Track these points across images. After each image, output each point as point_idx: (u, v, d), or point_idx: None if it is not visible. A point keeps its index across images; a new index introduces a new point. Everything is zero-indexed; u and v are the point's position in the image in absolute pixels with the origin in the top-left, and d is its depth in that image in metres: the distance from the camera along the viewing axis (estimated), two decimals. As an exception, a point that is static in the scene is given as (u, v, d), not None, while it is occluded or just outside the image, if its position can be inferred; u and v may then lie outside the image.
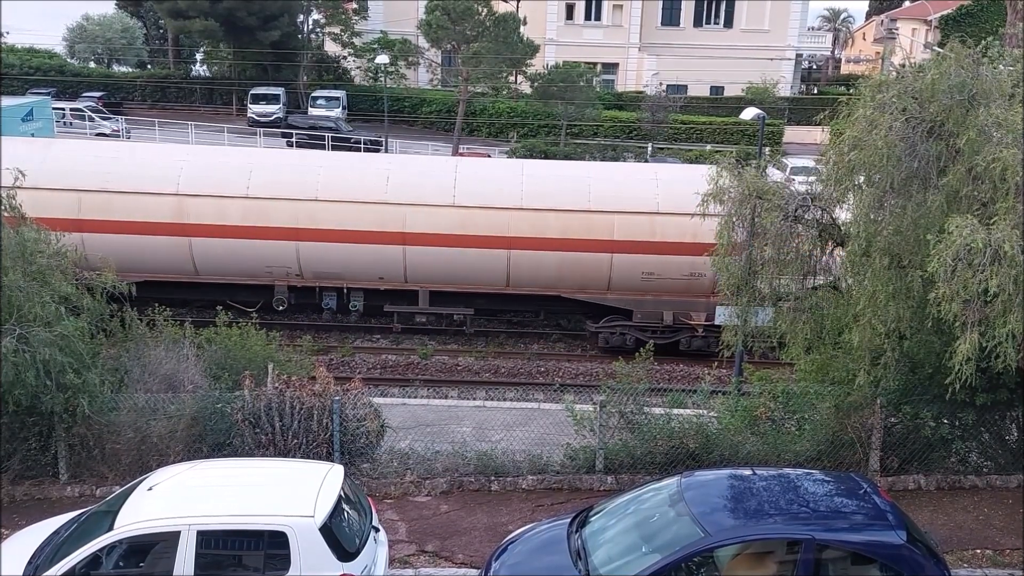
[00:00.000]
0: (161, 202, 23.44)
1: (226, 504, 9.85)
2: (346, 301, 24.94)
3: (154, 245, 23.57)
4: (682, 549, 9.29)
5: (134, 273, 23.57)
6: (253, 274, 24.32)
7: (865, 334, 12.39)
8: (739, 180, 14.41)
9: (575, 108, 52.39)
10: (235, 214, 23.50)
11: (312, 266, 24.18)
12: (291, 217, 23.56)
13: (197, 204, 23.50)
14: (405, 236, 23.61)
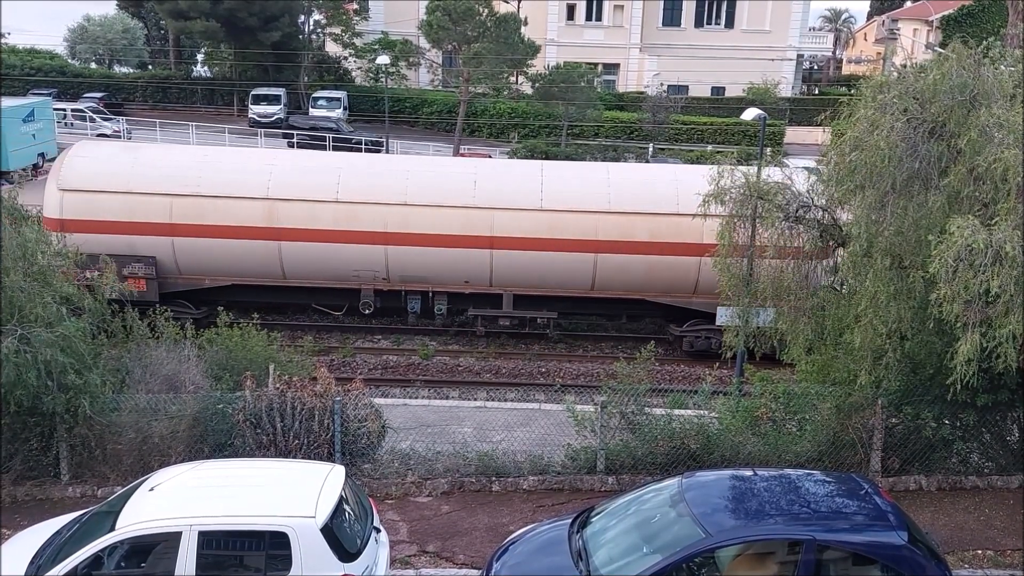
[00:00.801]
0: (252, 206, 23.50)
1: (227, 505, 9.85)
2: (431, 305, 24.92)
3: (244, 249, 23.66)
4: (683, 550, 9.29)
5: (223, 276, 24.03)
6: (340, 278, 24.31)
7: (867, 335, 12.40)
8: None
9: (576, 109, 52.37)
10: (325, 218, 23.51)
11: (399, 270, 24.17)
12: (380, 221, 23.56)
13: (288, 208, 23.53)
14: (492, 240, 23.63)
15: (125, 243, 23.25)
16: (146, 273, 23.29)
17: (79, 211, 23.20)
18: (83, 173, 23.49)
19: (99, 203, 23.22)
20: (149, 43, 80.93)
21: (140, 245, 23.36)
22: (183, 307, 24.11)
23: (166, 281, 23.79)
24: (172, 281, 23.92)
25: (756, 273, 15.24)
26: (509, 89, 58.80)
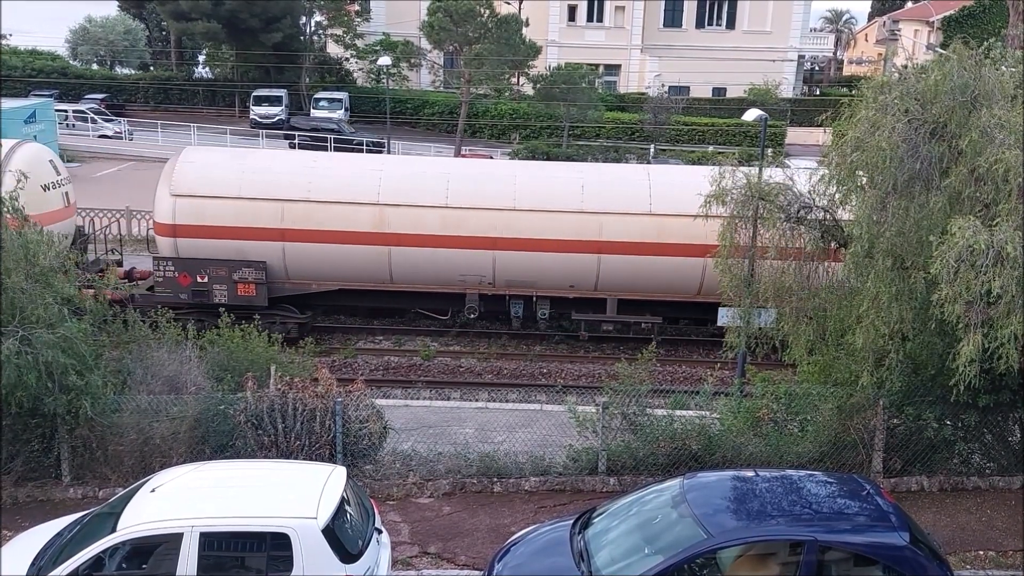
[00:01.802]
0: (362, 212, 23.49)
1: (229, 506, 9.86)
2: (534, 309, 24.88)
3: (353, 254, 23.67)
4: (685, 550, 9.29)
5: (330, 281, 24.11)
6: (446, 282, 24.23)
7: (868, 335, 12.40)
8: None
9: (577, 109, 52.37)
10: (434, 223, 23.46)
11: (506, 275, 24.10)
12: (489, 226, 23.52)
13: (397, 214, 23.51)
14: (600, 244, 23.50)
15: (235, 248, 23.39)
16: (256, 278, 23.40)
17: (191, 216, 23.30)
18: (194, 179, 23.58)
19: (210, 208, 23.33)
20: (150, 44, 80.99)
21: (250, 250, 23.43)
22: (288, 311, 24.38)
23: (274, 286, 23.85)
24: (280, 286, 23.99)
25: (757, 274, 15.24)
26: (510, 90, 58.84)
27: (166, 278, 23.43)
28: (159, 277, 23.55)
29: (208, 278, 23.30)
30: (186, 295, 23.43)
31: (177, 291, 23.39)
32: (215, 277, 23.32)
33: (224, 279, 23.31)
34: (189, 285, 23.29)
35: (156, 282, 23.61)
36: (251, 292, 23.41)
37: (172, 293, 23.36)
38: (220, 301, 23.25)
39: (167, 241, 23.65)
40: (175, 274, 23.37)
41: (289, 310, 24.38)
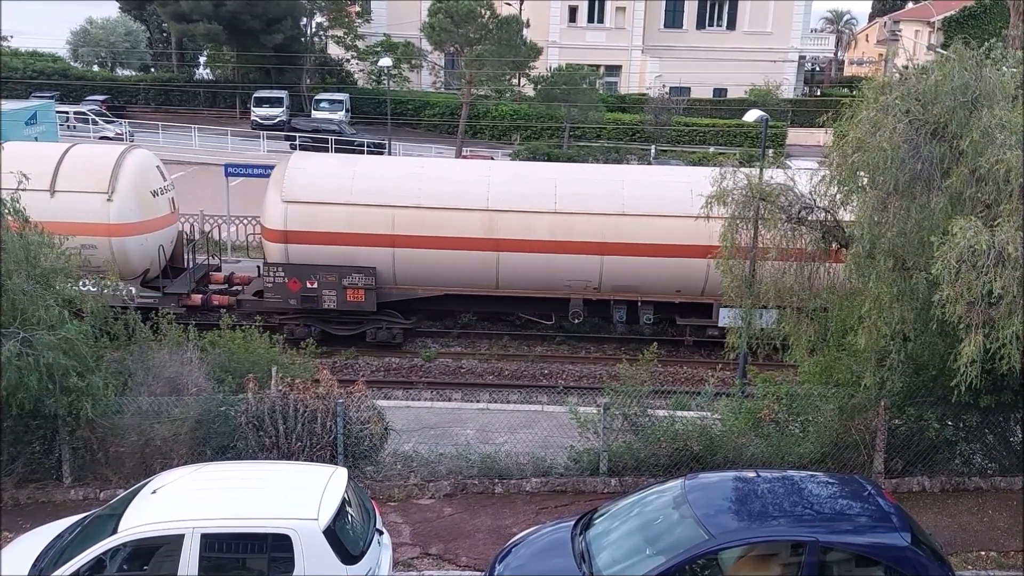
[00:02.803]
0: (472, 218, 23.58)
1: (230, 507, 9.86)
2: (637, 314, 24.84)
3: (462, 260, 23.75)
4: (686, 551, 9.29)
5: (436, 287, 24.27)
6: (551, 287, 24.27)
7: (870, 336, 12.39)
8: None
9: (578, 110, 52.37)
10: (542, 229, 23.52)
11: (612, 279, 24.09)
12: (598, 231, 23.51)
13: (507, 219, 23.58)
14: (710, 249, 23.41)
15: (345, 254, 23.49)
16: (365, 284, 23.54)
17: (302, 222, 23.42)
18: (306, 185, 23.72)
19: (322, 215, 23.44)
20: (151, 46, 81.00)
21: (361, 256, 23.54)
22: (392, 316, 24.51)
23: (381, 291, 23.94)
24: (387, 291, 24.09)
25: (759, 274, 15.23)
26: (511, 91, 58.82)
27: (276, 284, 23.60)
28: (269, 283, 23.70)
29: (318, 284, 23.49)
30: (295, 301, 23.61)
31: (287, 297, 23.58)
32: (325, 283, 23.48)
33: (334, 285, 23.46)
34: (299, 291, 23.49)
35: (266, 288, 23.79)
36: (360, 298, 23.57)
37: (282, 299, 23.62)
38: (329, 306, 23.61)
39: (277, 247, 23.77)
40: (285, 280, 23.53)
41: (393, 315, 24.54)
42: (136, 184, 23.44)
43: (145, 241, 23.73)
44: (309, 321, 24.30)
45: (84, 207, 22.60)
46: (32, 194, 21.95)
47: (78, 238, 22.14)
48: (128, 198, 23.08)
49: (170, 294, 24.20)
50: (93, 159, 23.66)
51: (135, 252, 23.46)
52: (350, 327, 24.48)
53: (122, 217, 22.93)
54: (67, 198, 22.63)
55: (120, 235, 22.94)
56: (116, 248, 22.94)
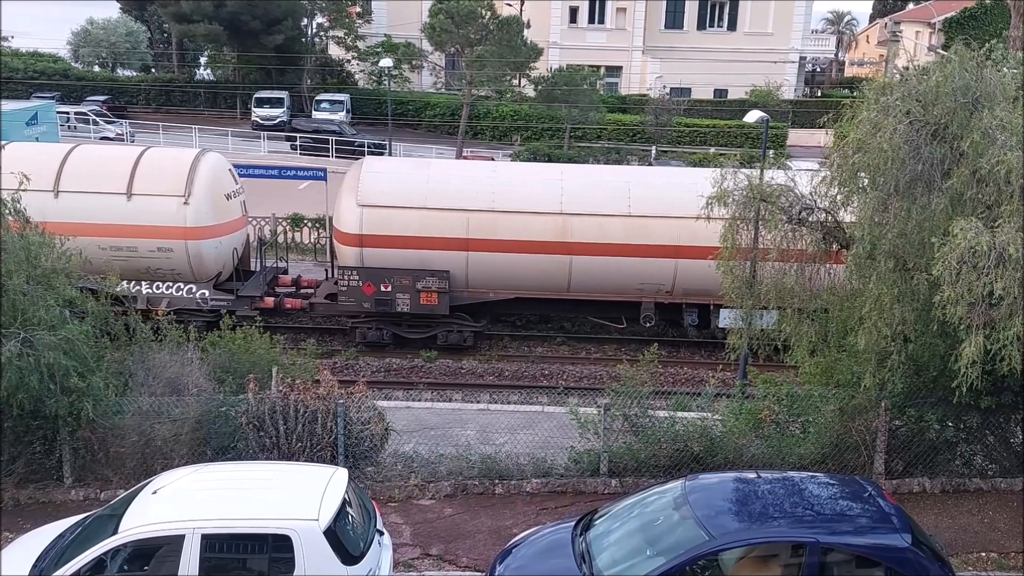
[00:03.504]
0: (546, 221, 23.55)
1: (230, 507, 9.86)
2: (709, 317, 24.80)
3: (535, 263, 23.75)
4: (686, 552, 9.29)
5: (507, 290, 24.35)
6: (623, 291, 24.20)
7: (871, 337, 12.39)
8: None
9: (579, 111, 52.36)
10: (616, 232, 23.46)
11: (685, 283, 24.02)
12: (672, 235, 23.44)
13: (580, 223, 23.55)
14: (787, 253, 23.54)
15: (419, 258, 23.53)
16: (439, 287, 23.59)
17: (377, 226, 23.47)
18: (380, 189, 23.77)
19: (396, 218, 23.49)
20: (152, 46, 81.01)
21: (434, 260, 23.57)
22: (463, 320, 24.58)
23: (454, 294, 24.00)
24: (459, 295, 24.14)
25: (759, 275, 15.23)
26: (512, 92, 58.80)
27: (350, 287, 23.67)
28: (343, 286, 23.77)
29: (392, 287, 23.57)
30: (369, 304, 23.71)
31: (361, 300, 23.67)
32: (399, 286, 23.56)
33: (408, 288, 23.55)
34: (373, 294, 23.60)
35: (340, 291, 23.86)
36: (433, 301, 23.65)
37: (356, 302, 23.72)
38: (403, 310, 23.73)
39: (352, 251, 23.81)
40: (359, 283, 23.62)
41: (464, 318, 24.62)
42: (211, 187, 23.56)
43: (219, 244, 23.87)
44: (381, 325, 24.44)
45: (161, 210, 22.76)
46: (109, 197, 22.44)
47: (154, 241, 22.57)
48: (203, 201, 23.17)
49: (244, 297, 24.35)
50: (168, 163, 23.79)
51: (210, 255, 23.57)
52: (421, 330, 24.59)
53: (198, 220, 23.02)
54: (143, 201, 22.76)
55: (196, 238, 23.04)
56: (192, 251, 23.07)
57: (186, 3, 57.58)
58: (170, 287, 23.51)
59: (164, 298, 23.41)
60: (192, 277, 23.53)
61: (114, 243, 22.68)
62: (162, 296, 23.45)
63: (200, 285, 23.70)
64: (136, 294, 23.27)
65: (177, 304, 23.21)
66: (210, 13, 57.36)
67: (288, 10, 60.37)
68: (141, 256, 22.98)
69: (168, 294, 23.48)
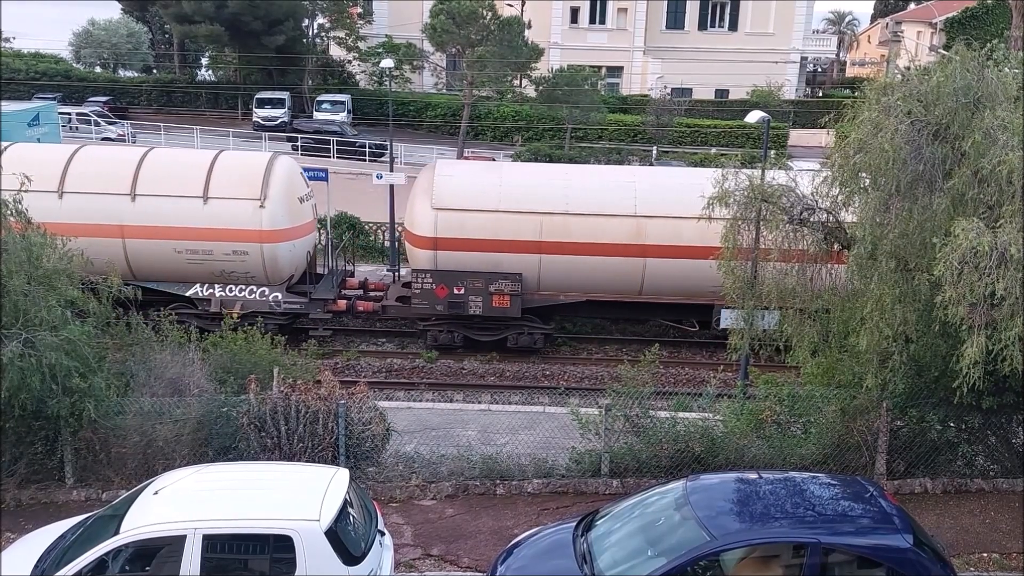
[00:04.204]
0: (620, 224, 23.56)
1: (232, 508, 9.86)
2: None
3: (608, 266, 23.76)
4: (688, 553, 9.28)
5: (578, 293, 24.37)
6: (696, 294, 24.05)
7: (872, 337, 12.40)
8: None
9: (580, 112, 52.36)
10: (689, 234, 23.05)
11: None
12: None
13: (655, 225, 23.53)
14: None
15: (492, 260, 23.62)
16: (511, 290, 23.64)
17: (450, 229, 23.59)
18: (454, 192, 23.85)
19: (470, 221, 23.58)
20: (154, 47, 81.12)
21: (507, 262, 23.63)
22: (533, 322, 24.60)
23: (525, 297, 24.03)
24: (530, 297, 24.19)
25: (760, 276, 15.23)
26: (513, 92, 58.80)
27: (423, 290, 23.78)
28: (417, 289, 23.86)
29: (465, 290, 23.66)
30: (442, 306, 23.82)
31: (434, 303, 23.78)
32: (472, 289, 23.66)
33: (480, 291, 23.63)
34: (446, 297, 23.71)
35: (414, 294, 23.96)
36: (505, 304, 23.72)
37: (429, 304, 23.84)
38: (475, 312, 23.83)
39: (426, 254, 23.87)
40: (433, 286, 23.70)
41: (534, 321, 24.65)
42: (286, 191, 23.71)
43: (293, 247, 23.99)
44: (453, 327, 24.53)
45: (237, 214, 22.90)
46: (186, 201, 22.66)
47: (230, 244, 22.72)
48: (279, 204, 23.31)
49: (317, 300, 24.49)
50: (243, 166, 23.90)
51: (284, 258, 23.70)
52: (492, 333, 24.65)
53: (273, 223, 23.13)
54: (220, 205, 22.91)
55: (271, 241, 23.16)
56: (267, 254, 23.19)
57: (187, 4, 57.62)
58: (243, 290, 23.67)
59: (237, 301, 23.59)
60: (266, 280, 23.66)
61: (190, 246, 22.88)
62: (235, 299, 23.63)
63: (273, 288, 23.81)
64: (209, 297, 23.52)
65: (250, 307, 23.44)
66: (211, 14, 57.40)
67: (289, 11, 60.40)
68: (216, 259, 23.11)
69: (241, 297, 23.67)
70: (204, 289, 23.47)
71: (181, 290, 23.62)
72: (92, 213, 22.57)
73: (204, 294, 23.53)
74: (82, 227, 22.09)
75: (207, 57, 72.61)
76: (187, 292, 23.64)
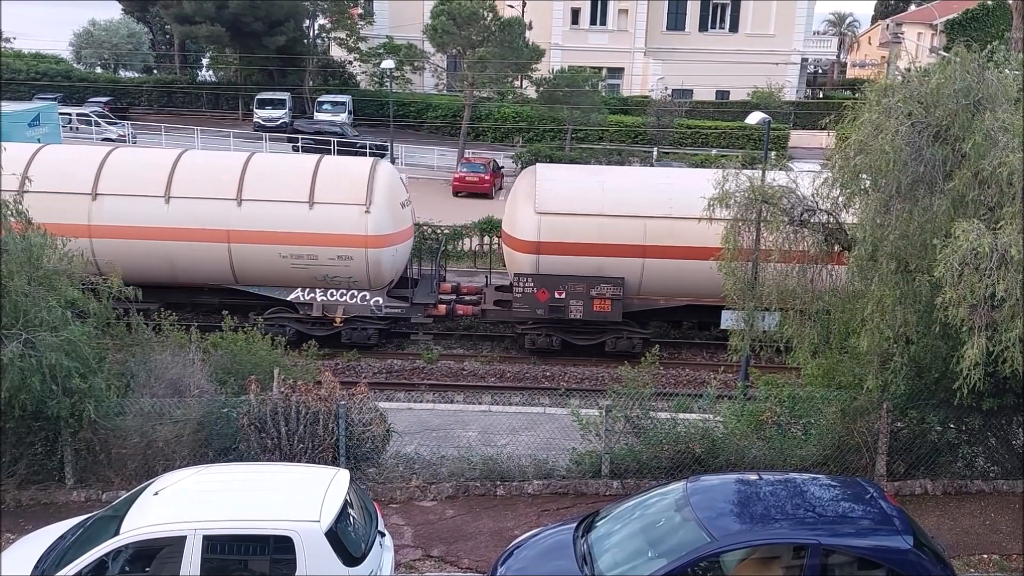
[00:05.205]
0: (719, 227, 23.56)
1: (232, 509, 9.86)
2: None
3: (712, 270, 23.67)
4: (688, 554, 9.28)
5: (678, 296, 24.36)
6: None
7: (873, 338, 12.39)
8: None
9: (580, 113, 52.34)
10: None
11: None
12: None
13: None
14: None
15: (594, 265, 23.54)
16: (613, 294, 23.57)
17: (553, 233, 23.54)
18: (557, 196, 23.81)
19: (572, 225, 23.52)
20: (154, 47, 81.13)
21: (609, 266, 23.57)
22: (631, 327, 24.55)
23: (625, 301, 23.95)
24: (630, 301, 24.11)
25: (761, 277, 15.23)
26: (513, 93, 58.81)
27: (525, 294, 23.73)
28: (518, 292, 23.83)
29: (566, 294, 23.62)
30: (543, 311, 23.80)
31: (535, 307, 23.77)
32: (573, 293, 23.61)
33: (582, 295, 23.59)
34: (546, 301, 23.68)
35: (515, 298, 23.96)
36: (607, 308, 23.64)
37: (529, 309, 23.82)
38: (576, 316, 23.78)
39: (528, 258, 23.83)
40: (534, 290, 23.67)
41: (632, 325, 24.61)
42: (389, 196, 23.77)
43: (396, 252, 24.06)
44: (551, 331, 24.52)
45: (343, 219, 22.96)
46: (292, 206, 22.85)
47: (335, 249, 22.84)
48: (383, 209, 23.37)
49: (417, 304, 24.60)
50: (347, 172, 23.98)
51: (387, 263, 23.76)
52: (590, 337, 24.61)
53: (378, 229, 23.17)
54: (326, 210, 22.99)
55: (376, 246, 23.21)
56: (371, 259, 23.22)
57: (188, 4, 57.64)
58: (343, 294, 23.73)
59: (339, 305, 23.74)
60: (368, 285, 23.70)
61: (295, 251, 22.96)
62: (337, 303, 23.76)
63: (374, 292, 23.85)
64: (311, 301, 23.61)
65: (352, 311, 23.67)
66: (212, 14, 57.42)
67: (290, 11, 60.41)
68: (320, 264, 23.17)
69: (343, 301, 23.78)
70: (305, 294, 23.57)
71: (282, 295, 23.77)
72: (199, 218, 22.76)
73: (305, 298, 23.64)
74: (188, 232, 22.61)
75: (208, 58, 72.66)
76: (288, 297, 23.77)
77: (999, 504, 13.81)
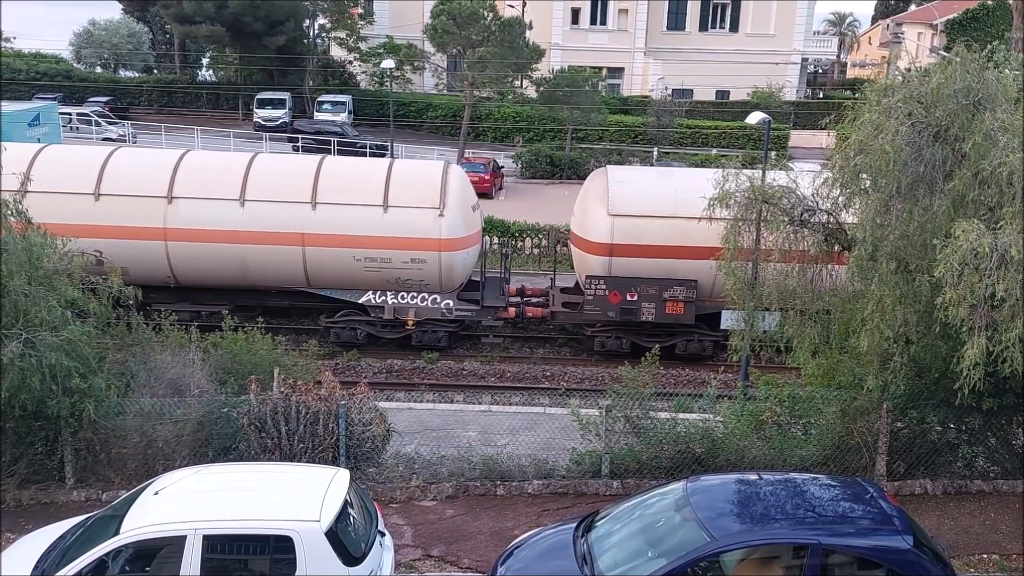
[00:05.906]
0: None
1: (232, 508, 9.87)
2: None
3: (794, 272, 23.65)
4: (688, 554, 9.29)
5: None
6: None
7: (873, 338, 12.40)
8: None
9: (581, 112, 52.36)
10: None
11: None
12: None
13: None
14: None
15: (665, 267, 23.49)
16: (686, 296, 23.56)
17: (625, 235, 23.45)
18: (630, 198, 23.73)
19: (645, 227, 23.43)
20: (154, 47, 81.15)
21: (681, 269, 23.47)
22: (702, 329, 24.42)
23: (698, 303, 23.89)
24: (702, 304, 24.01)
25: (761, 277, 15.23)
26: (513, 93, 58.83)
27: (596, 296, 23.71)
28: (589, 295, 23.81)
29: (638, 296, 23.57)
30: (614, 313, 23.75)
31: (606, 309, 23.73)
32: (645, 295, 23.55)
33: (654, 297, 23.54)
34: (618, 303, 23.64)
35: (586, 300, 23.93)
36: (679, 310, 23.64)
37: (600, 311, 23.78)
38: (647, 319, 23.75)
39: (601, 260, 23.79)
40: (606, 292, 23.65)
41: (702, 328, 24.50)
42: (461, 199, 23.80)
43: (467, 255, 24.09)
44: (622, 334, 24.46)
45: (417, 222, 22.99)
46: (367, 210, 22.92)
47: (408, 252, 22.94)
48: (456, 213, 23.40)
49: (488, 307, 24.61)
50: (420, 176, 23.99)
51: (459, 266, 23.81)
52: (661, 339, 24.40)
53: (451, 232, 23.21)
54: (400, 213, 23.03)
55: (449, 249, 23.25)
56: (444, 262, 23.26)
57: (188, 4, 57.65)
58: (415, 297, 23.79)
59: (410, 308, 23.80)
60: (439, 287, 23.73)
61: (369, 254, 23.00)
62: (408, 306, 23.83)
63: (444, 295, 23.88)
64: (382, 304, 23.68)
65: (423, 314, 23.75)
66: (212, 14, 57.43)
67: (290, 11, 60.42)
68: (394, 267, 23.21)
69: (414, 304, 23.83)
70: (377, 296, 23.62)
71: (354, 297, 23.83)
72: (274, 221, 22.82)
73: (377, 301, 23.69)
74: (262, 235, 22.63)
75: (208, 57, 72.68)
76: (360, 299, 23.84)
77: (999, 504, 13.81)
